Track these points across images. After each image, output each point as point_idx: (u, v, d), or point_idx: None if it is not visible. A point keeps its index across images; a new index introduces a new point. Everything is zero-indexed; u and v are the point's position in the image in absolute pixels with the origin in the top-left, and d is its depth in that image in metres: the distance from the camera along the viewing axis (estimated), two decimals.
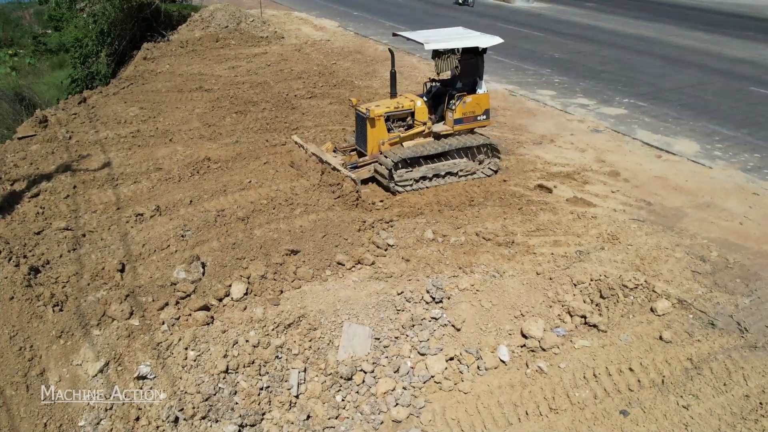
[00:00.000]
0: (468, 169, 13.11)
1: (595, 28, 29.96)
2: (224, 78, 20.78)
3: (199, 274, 9.70)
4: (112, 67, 24.90)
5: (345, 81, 20.00)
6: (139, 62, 23.67)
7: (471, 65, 13.19)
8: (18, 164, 13.93)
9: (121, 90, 19.89)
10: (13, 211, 11.67)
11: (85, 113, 17.42)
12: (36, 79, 25.72)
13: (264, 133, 15.77)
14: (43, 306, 9.10)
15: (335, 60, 22.57)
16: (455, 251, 10.36)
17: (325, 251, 10.18)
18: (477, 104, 13.15)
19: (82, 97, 19.36)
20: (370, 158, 12.99)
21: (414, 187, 12.68)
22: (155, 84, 20.20)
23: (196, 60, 23.45)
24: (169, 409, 8.03)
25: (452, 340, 9.13)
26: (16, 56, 28.04)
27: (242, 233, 10.89)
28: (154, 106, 17.91)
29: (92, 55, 24.58)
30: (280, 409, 8.38)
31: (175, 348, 8.51)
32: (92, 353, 8.49)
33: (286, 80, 20.35)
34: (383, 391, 8.61)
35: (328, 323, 9.07)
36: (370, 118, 12.66)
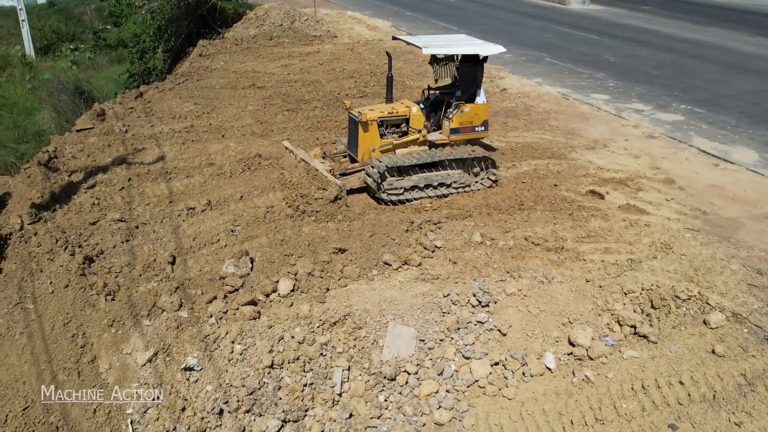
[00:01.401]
0: (462, 182, 12.61)
1: (651, 32, 29.35)
2: (277, 76, 20.98)
3: (248, 269, 9.81)
4: (168, 63, 25.37)
5: (396, 81, 19.95)
6: (195, 59, 24.08)
7: (470, 73, 12.88)
8: (76, 156, 14.31)
9: (176, 86, 20.26)
10: (70, 201, 11.98)
11: (142, 108, 17.79)
12: (95, 74, 26.35)
13: (314, 131, 15.87)
14: (96, 295, 9.32)
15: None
16: (503, 255, 10.26)
17: (373, 251, 10.19)
18: (475, 114, 12.75)
19: (138, 91, 19.79)
20: (360, 166, 12.59)
21: (404, 197, 12.19)
22: (209, 80, 20.52)
23: (250, 57, 23.74)
24: (215, 401, 8.14)
25: (498, 345, 9.04)
26: (77, 51, 28.90)
27: (291, 230, 10.98)
28: (208, 102, 18.19)
29: (149, 51, 25.08)
30: (322, 407, 8.42)
31: (222, 341, 8.63)
32: (142, 343, 8.66)
33: (338, 79, 20.46)
34: (426, 393, 8.58)
35: (373, 323, 9.08)
36: (363, 122, 12.26)
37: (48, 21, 31.24)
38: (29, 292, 9.42)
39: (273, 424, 8.09)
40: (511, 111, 17.67)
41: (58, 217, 11.27)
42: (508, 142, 15.32)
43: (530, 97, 18.90)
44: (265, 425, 8.09)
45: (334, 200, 11.49)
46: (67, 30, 31.26)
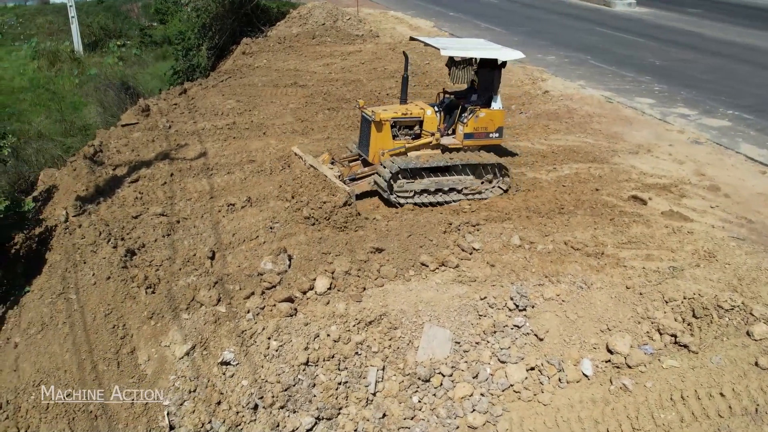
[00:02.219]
0: (473, 188, 12.34)
1: (698, 36, 28.78)
2: (318, 75, 21.10)
3: (285, 266, 9.87)
4: (211, 61, 25.69)
5: (438, 81, 19.91)
6: (238, 56, 24.34)
7: (487, 78, 12.66)
8: (120, 150, 14.57)
9: (219, 83, 20.51)
10: (114, 195, 12.21)
11: (185, 104, 18.05)
12: (140, 70, 26.81)
13: (355, 130, 15.87)
14: (137, 287, 9.49)
15: (429, 60, 22.52)
16: (542, 259, 10.15)
17: (410, 251, 10.17)
18: (490, 120, 12.52)
19: (182, 88, 20.09)
20: (370, 170, 12.43)
21: (414, 200, 12.05)
22: (252, 78, 20.72)
23: (293, 56, 23.91)
24: (250, 396, 8.21)
25: (534, 350, 8.94)
26: (124, 47, 29.44)
27: (329, 228, 11.03)
28: (250, 99, 18.37)
29: (194, 48, 25.43)
30: (356, 405, 8.43)
31: (259, 337, 8.70)
32: (180, 336, 8.78)
33: (379, 79, 20.48)
34: (461, 395, 8.53)
35: (409, 323, 9.06)
36: (376, 121, 12.07)
37: (96, 18, 31.86)
38: (72, 282, 9.63)
39: (307, 421, 8.14)
40: (553, 113, 17.49)
41: (102, 210, 11.49)
42: (549, 145, 15.17)
43: (573, 99, 18.68)
44: (298, 422, 8.14)
45: (343, 206, 11.27)
46: (115, 27, 31.85)
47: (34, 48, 27.43)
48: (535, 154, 14.47)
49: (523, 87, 19.71)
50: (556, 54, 24.43)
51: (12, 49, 27.91)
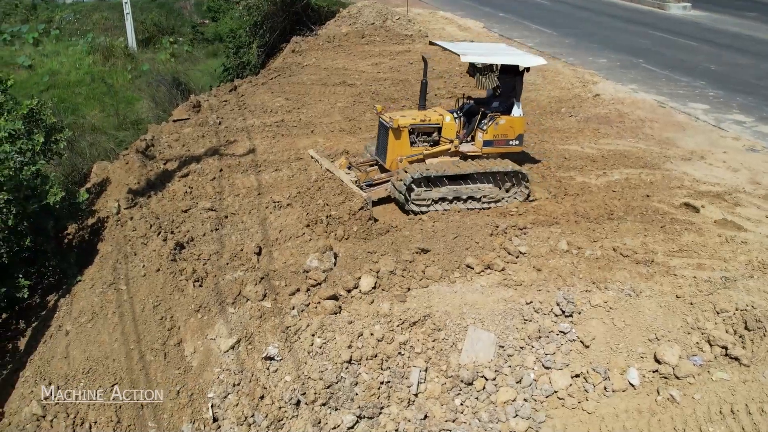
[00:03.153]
0: (492, 196, 12.11)
1: (755, 40, 27.99)
2: (367, 74, 21.15)
3: (331, 264, 9.92)
4: (261, 58, 25.95)
5: None
6: (288, 55, 24.55)
7: (508, 85, 12.38)
8: (171, 145, 14.82)
9: (269, 80, 20.71)
10: (165, 188, 12.42)
11: (235, 101, 18.27)
12: (192, 66, 27.24)
13: None
14: (185, 280, 9.63)
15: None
16: (589, 265, 9.99)
17: (456, 253, 10.11)
18: (510, 127, 12.28)
19: (233, 85, 20.36)
20: (387, 176, 12.25)
21: (432, 209, 11.83)
22: (301, 76, 20.87)
23: (341, 55, 24.01)
24: (293, 391, 8.27)
25: (579, 357, 8.82)
26: (176, 44, 29.94)
27: (374, 227, 11.05)
28: (299, 97, 18.51)
29: (244, 46, 25.71)
30: (398, 405, 8.43)
31: (303, 333, 8.75)
32: (226, 330, 8.89)
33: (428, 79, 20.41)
34: (503, 400, 8.46)
35: (453, 325, 9.01)
36: (394, 128, 11.88)
37: (150, 14, 32.46)
38: (123, 273, 9.82)
39: (348, 419, 8.16)
40: (604, 117, 17.22)
41: (152, 204, 11.70)
42: (599, 149, 14.94)
43: (624, 103, 18.36)
44: (340, 419, 8.17)
45: (359, 212, 11.17)
46: (168, 23, 32.42)
47: (90, 43, 28.08)
48: (585, 158, 14.26)
49: (573, 90, 19.45)
50: (607, 57, 24.05)
51: (69, 44, 28.61)
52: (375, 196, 12.02)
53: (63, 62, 25.92)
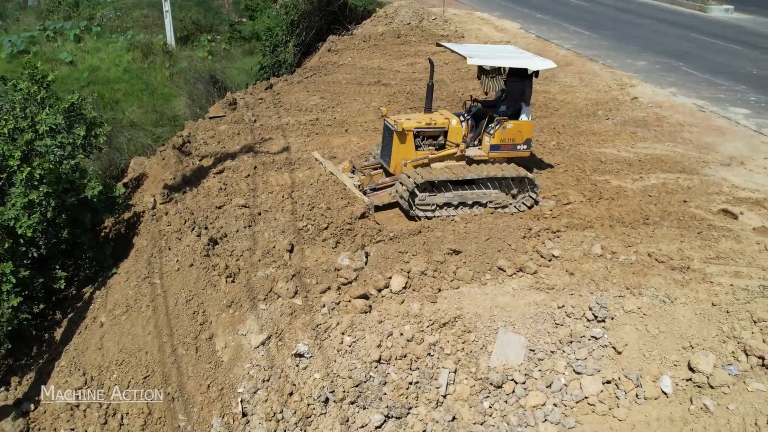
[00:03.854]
0: (498, 202, 11.87)
1: None
2: (402, 74, 21.13)
3: (362, 263, 9.93)
4: (298, 57, 26.11)
5: None
6: (323, 54, 24.65)
7: (517, 88, 12.08)
8: (207, 142, 14.98)
9: (304, 79, 20.81)
10: (200, 184, 12.55)
11: (271, 99, 18.40)
12: (229, 64, 27.49)
13: None
14: (217, 276, 9.73)
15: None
16: (623, 270, 9.85)
17: (487, 255, 10.05)
18: (518, 132, 11.95)
19: (268, 83, 20.50)
20: (391, 180, 12.03)
21: (436, 214, 11.62)
22: (336, 75, 20.93)
23: (377, 54, 24.02)
24: (321, 389, 8.30)
25: (611, 363, 8.70)
26: (214, 42, 30.26)
27: (406, 227, 11.04)
28: (334, 96, 18.56)
29: (281, 45, 25.89)
30: (426, 406, 8.41)
31: (333, 331, 8.78)
32: (257, 326, 8.95)
33: (463, 80, 20.35)
34: (533, 404, 8.40)
35: (484, 328, 8.96)
36: (399, 131, 11.63)
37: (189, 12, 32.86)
38: (157, 267, 9.96)
39: (376, 419, 8.17)
40: (642, 121, 16.96)
41: (187, 199, 11.83)
42: (636, 153, 14.72)
43: (663, 107, 18.06)
44: (368, 418, 8.18)
45: (361, 218, 11.01)
46: (206, 21, 32.78)
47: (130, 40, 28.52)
48: (621, 162, 14.06)
49: (610, 92, 19.20)
50: (646, 59, 23.70)
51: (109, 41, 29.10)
52: (378, 201, 11.88)
53: (103, 59, 26.37)
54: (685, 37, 27.93)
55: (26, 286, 9.66)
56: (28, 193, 9.33)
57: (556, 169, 13.64)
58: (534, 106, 17.40)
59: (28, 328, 10.00)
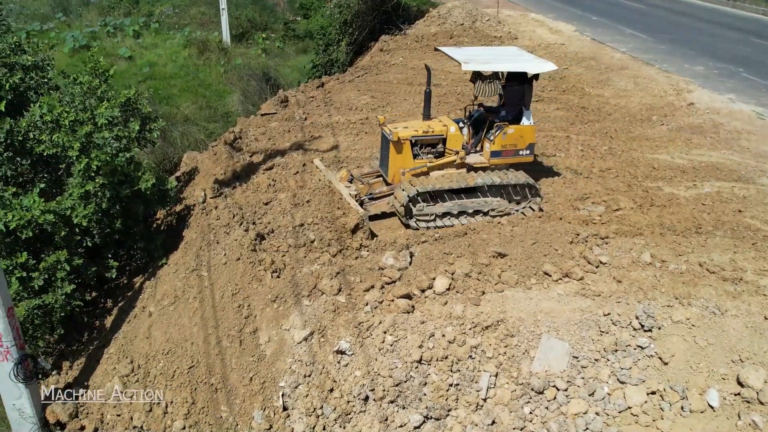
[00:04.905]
0: (501, 210, 11.62)
1: None
2: (453, 75, 21.04)
3: (406, 263, 9.94)
4: (350, 56, 26.22)
5: (575, 87, 19.42)
6: (375, 53, 24.72)
7: (516, 93, 11.73)
8: (258, 138, 15.20)
9: (355, 78, 20.92)
10: (249, 180, 12.74)
11: (321, 97, 18.56)
12: (282, 62, 27.79)
13: None
14: (263, 270, 9.86)
15: (567, 65, 21.98)
16: (673, 279, 9.64)
17: (533, 259, 9.96)
18: (520, 137, 11.63)
19: (320, 81, 20.68)
20: (388, 190, 11.77)
21: (436, 224, 11.37)
22: (387, 75, 20.99)
23: (429, 55, 23.96)
24: (362, 387, 8.34)
25: (657, 373, 8.52)
26: (268, 40, 30.62)
27: (451, 229, 11.01)
28: (384, 96, 18.61)
29: (334, 44, 26.05)
30: (466, 409, 8.38)
31: (375, 330, 8.81)
32: (300, 321, 9.04)
33: None
34: (574, 412, 8.28)
35: (527, 332, 8.88)
36: (395, 141, 11.36)
37: (245, 10, 33.30)
38: (205, 260, 10.14)
39: (415, 419, 8.17)
40: (697, 127, 16.57)
41: (237, 194, 12.03)
42: (690, 159, 14.39)
43: (720, 113, 17.60)
44: (407, 418, 8.18)
45: (354, 229, 10.80)
46: (261, 19, 33.17)
47: (187, 37, 29.06)
48: (674, 169, 13.77)
49: (666, 97, 18.81)
50: (704, 64, 23.13)
51: (167, 37, 29.70)
52: (376, 210, 11.71)
53: (160, 54, 26.93)
54: (745, 42, 27.18)
55: (80, 274, 9.96)
56: (85, 184, 9.62)
57: (606, 174, 13.43)
58: (586, 110, 17.19)
59: (80, 314, 10.31)
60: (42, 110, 9.90)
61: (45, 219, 9.28)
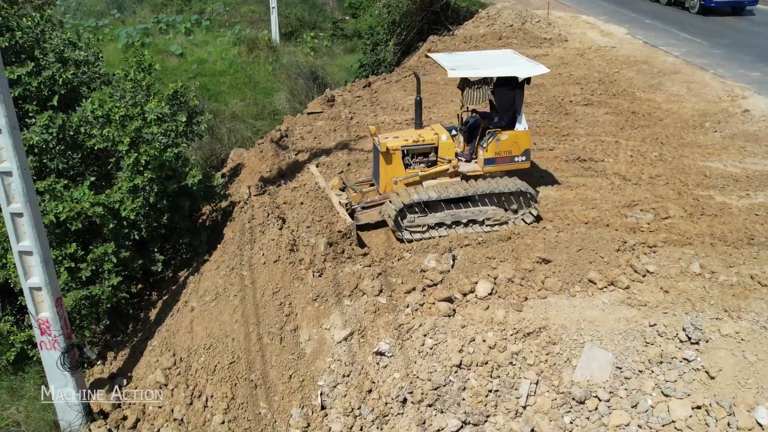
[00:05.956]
0: (497, 219, 11.16)
1: None
2: None
3: (449, 266, 9.87)
4: (397, 56, 26.21)
5: (626, 91, 19.03)
6: (423, 53, 24.66)
7: (507, 98, 11.24)
8: (304, 137, 15.29)
9: (402, 78, 20.89)
10: (294, 178, 12.81)
11: (368, 97, 18.58)
12: (330, 61, 27.94)
13: (533, 135, 15.54)
14: (304, 269, 9.91)
15: (618, 68, 21.57)
16: (723, 291, 9.37)
17: (578, 266, 9.79)
18: (515, 143, 11.20)
19: (367, 81, 20.71)
20: (380, 199, 11.40)
21: (429, 235, 10.98)
22: (434, 76, 20.88)
23: None
24: (400, 389, 8.32)
25: (703, 388, 8.29)
26: (316, 39, 30.83)
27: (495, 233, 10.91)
28: (431, 97, 18.52)
29: (381, 44, 26.07)
30: (505, 416, 8.29)
31: (415, 332, 8.78)
32: (340, 321, 9.07)
33: (564, 84, 19.90)
34: (616, 423, 8.12)
35: (569, 340, 8.74)
36: (383, 152, 11.04)
37: (294, 9, 33.60)
38: (245, 258, 10.23)
39: (453, 423, 8.11)
40: (752, 135, 16.07)
41: (280, 192, 12.10)
42: (744, 168, 13.97)
43: None
44: (445, 423, 8.13)
45: (342, 238, 10.58)
46: (310, 18, 33.42)
47: (237, 35, 29.46)
48: (727, 177, 13.38)
49: (720, 104, 18.30)
50: (761, 70, 22.45)
51: (217, 35, 30.15)
52: (367, 219, 11.44)
53: (211, 52, 27.34)
54: None
55: (126, 267, 10.17)
56: (134, 178, 9.82)
57: (656, 181, 13.13)
58: (637, 115, 16.86)
59: (126, 306, 10.53)
60: (93, 105, 10.12)
61: (94, 211, 9.50)
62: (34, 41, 11.17)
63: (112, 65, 17.46)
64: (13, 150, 7.39)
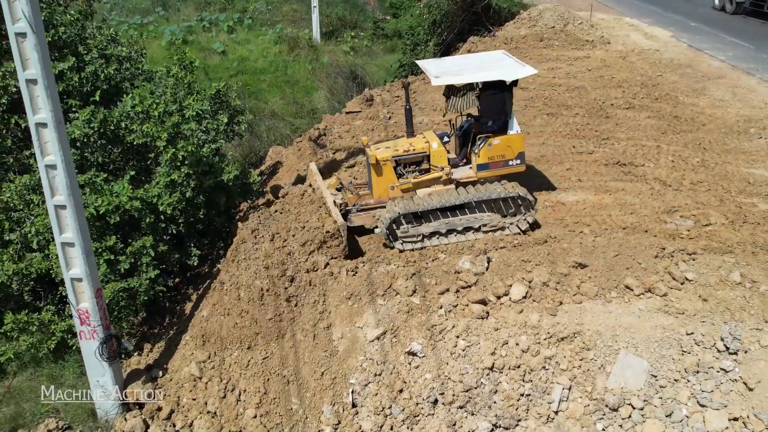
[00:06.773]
0: (493, 225, 10.93)
1: None
2: (541, 78, 20.66)
3: (483, 268, 9.82)
4: (438, 56, 26.17)
5: (669, 95, 18.71)
6: (463, 54, 24.58)
7: (496, 101, 10.99)
8: (342, 136, 15.36)
9: None
10: (331, 177, 12.88)
11: None
12: (369, 60, 28.01)
13: (572, 138, 15.43)
14: (338, 268, 9.96)
15: (661, 72, 21.21)
16: (764, 301, 9.16)
17: (615, 271, 9.65)
18: (507, 147, 10.97)
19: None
20: (375, 203, 11.26)
21: (424, 244, 10.78)
22: None
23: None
24: (431, 390, 8.32)
25: (740, 399, 8.13)
26: (357, 38, 30.94)
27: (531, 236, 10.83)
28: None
29: (421, 44, 26.06)
30: (536, 420, 8.23)
31: (448, 334, 8.77)
32: (373, 320, 9.10)
33: (605, 87, 19.64)
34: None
35: (604, 347, 8.64)
36: (373, 163, 10.94)
37: (335, 9, 33.77)
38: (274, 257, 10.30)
39: (484, 426, 8.09)
40: None
41: None
42: None
43: None
44: (475, 425, 8.11)
45: (331, 238, 10.37)
46: (351, 18, 33.55)
47: (278, 33, 29.73)
48: None
49: (766, 109, 17.89)
50: None
51: (259, 34, 30.46)
52: (359, 222, 11.30)
53: (252, 50, 27.62)
54: None
55: (163, 260, 10.34)
56: (171, 173, 9.97)
57: (698, 187, 12.88)
58: (679, 120, 16.57)
59: (163, 299, 10.70)
60: (133, 101, 10.31)
61: (132, 205, 9.68)
62: (76, 37, 11.40)
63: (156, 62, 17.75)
64: (58, 144, 7.58)
